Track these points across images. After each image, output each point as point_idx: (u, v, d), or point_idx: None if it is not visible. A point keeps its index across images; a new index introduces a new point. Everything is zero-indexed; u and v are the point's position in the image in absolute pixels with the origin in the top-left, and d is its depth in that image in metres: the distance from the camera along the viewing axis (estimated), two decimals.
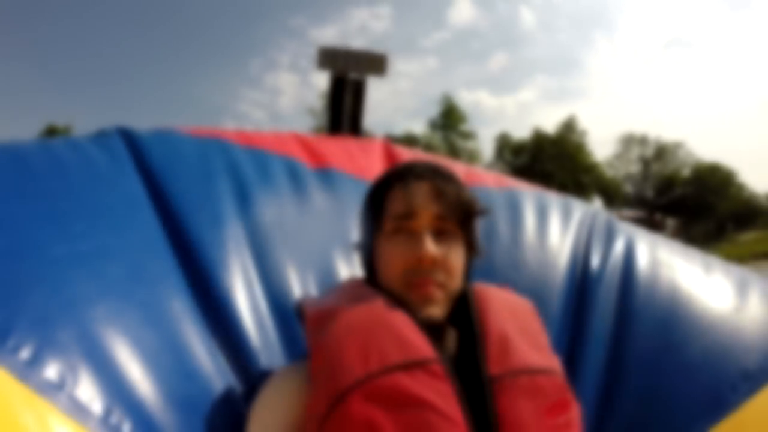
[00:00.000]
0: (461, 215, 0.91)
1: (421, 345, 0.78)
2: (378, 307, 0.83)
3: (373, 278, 0.94)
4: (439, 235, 0.89)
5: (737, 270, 1.32)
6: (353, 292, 0.88)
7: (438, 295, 0.87)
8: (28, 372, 0.68)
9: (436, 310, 0.87)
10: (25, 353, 0.70)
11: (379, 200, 0.94)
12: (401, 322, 0.81)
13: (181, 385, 0.85)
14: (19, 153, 1.01)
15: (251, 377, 0.95)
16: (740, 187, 54.90)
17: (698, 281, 1.22)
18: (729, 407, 0.96)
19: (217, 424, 0.87)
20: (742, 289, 1.21)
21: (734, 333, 1.07)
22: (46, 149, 1.06)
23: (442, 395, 0.74)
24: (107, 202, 1.01)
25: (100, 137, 1.22)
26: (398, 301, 0.86)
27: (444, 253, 0.88)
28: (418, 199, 0.89)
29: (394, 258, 0.88)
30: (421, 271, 0.87)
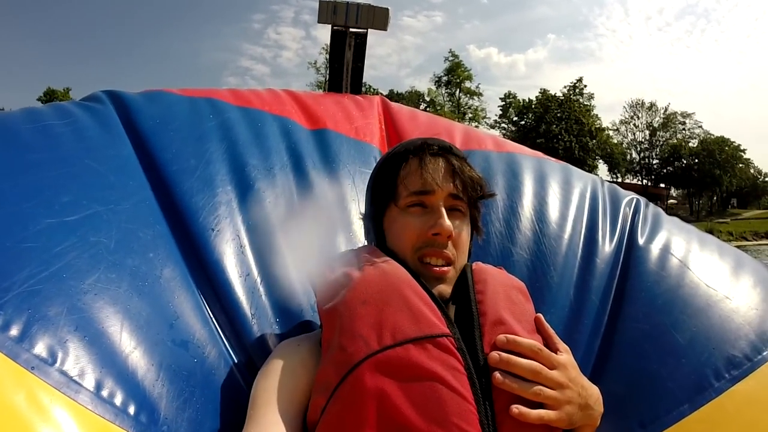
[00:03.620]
0: (473, 195, 0.95)
1: (436, 320, 0.80)
2: (394, 278, 0.84)
3: (383, 247, 0.95)
4: (451, 212, 0.93)
5: (732, 252, 1.29)
6: (368, 259, 0.89)
7: (450, 273, 0.91)
8: (17, 349, 0.68)
9: (447, 288, 0.90)
10: (14, 330, 0.69)
11: (393, 173, 0.96)
12: (417, 295, 0.82)
13: (174, 354, 0.85)
14: (4, 124, 0.99)
15: (244, 345, 0.95)
16: (747, 164, 54.50)
17: (694, 264, 1.19)
18: (712, 393, 0.96)
19: (212, 391, 0.87)
20: (735, 275, 1.18)
21: (723, 320, 1.06)
22: (33, 119, 1.03)
23: (452, 370, 0.75)
24: (96, 169, 0.99)
25: (90, 102, 1.19)
26: (411, 271, 0.87)
27: (456, 228, 0.92)
28: (435, 175, 0.92)
29: (410, 230, 0.92)
30: (437, 244, 0.90)
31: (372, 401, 0.72)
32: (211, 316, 0.96)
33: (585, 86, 46.58)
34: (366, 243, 1.07)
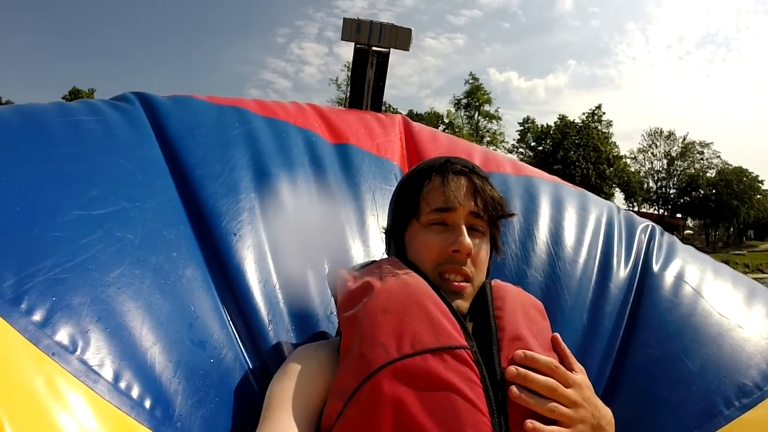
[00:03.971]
0: (493, 214, 0.96)
1: (455, 332, 0.80)
2: (415, 289, 0.85)
3: (403, 261, 0.95)
4: (471, 230, 0.94)
5: (746, 282, 1.29)
6: (390, 270, 0.89)
7: (468, 289, 0.91)
8: (39, 334, 0.68)
9: (464, 304, 0.91)
10: (37, 316, 0.70)
11: (416, 190, 0.98)
12: (437, 307, 0.83)
13: (191, 353, 0.86)
14: (36, 116, 1.00)
15: (260, 349, 0.96)
16: (765, 195, 53.79)
17: (707, 292, 1.19)
18: (722, 421, 0.96)
19: (226, 393, 0.88)
20: (748, 304, 1.18)
21: (734, 348, 1.06)
22: (64, 113, 1.05)
23: (468, 382, 0.76)
24: (124, 167, 1.00)
25: (119, 102, 1.21)
26: (431, 284, 0.88)
27: (475, 246, 0.93)
28: (457, 193, 0.94)
29: (431, 247, 0.93)
30: (456, 261, 0.91)
31: (389, 408, 0.72)
32: (229, 319, 0.96)
33: (604, 113, 46.50)
34: (386, 256, 1.08)
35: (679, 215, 52.23)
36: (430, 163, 1.01)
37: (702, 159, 51.86)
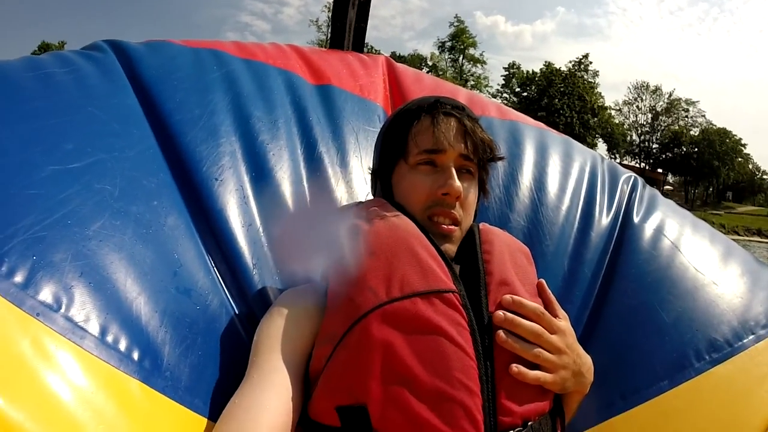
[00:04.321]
0: (483, 156, 0.95)
1: (443, 276, 0.81)
2: (403, 231, 0.85)
3: (390, 202, 0.95)
4: (460, 172, 0.93)
5: (723, 240, 1.31)
6: (377, 212, 0.89)
7: (456, 232, 0.91)
8: (22, 295, 0.68)
9: (452, 247, 0.91)
10: (18, 277, 0.69)
11: (404, 130, 0.96)
12: (426, 250, 0.83)
13: (177, 302, 0.86)
14: (3, 73, 0.96)
15: (245, 294, 0.97)
16: (746, 158, 54.37)
17: (685, 247, 1.21)
18: (691, 372, 0.99)
19: (213, 339, 0.89)
20: (724, 262, 1.20)
21: (708, 304, 1.08)
22: (33, 67, 1.01)
23: (456, 325, 0.77)
24: (99, 117, 0.98)
25: (91, 51, 1.17)
26: (420, 227, 0.88)
27: (464, 190, 0.92)
28: (447, 135, 0.92)
29: (419, 189, 0.92)
30: (445, 204, 0.91)
31: (378, 351, 0.73)
32: (213, 265, 0.97)
33: (591, 63, 46.13)
34: (372, 197, 1.07)
35: (660, 170, 52.82)
36: (419, 102, 0.99)
37: (687, 116, 52.14)
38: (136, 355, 0.75)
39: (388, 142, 0.99)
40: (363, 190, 1.23)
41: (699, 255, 1.20)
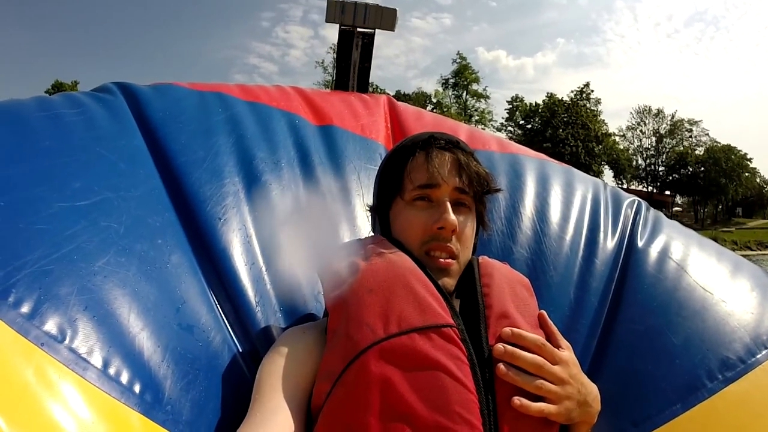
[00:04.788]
0: (478, 189, 0.96)
1: (441, 311, 0.81)
2: (401, 267, 0.86)
3: (389, 239, 0.96)
4: (456, 206, 0.94)
5: (731, 257, 1.30)
6: (375, 249, 0.90)
7: (453, 267, 0.91)
8: (28, 325, 0.69)
9: (451, 281, 0.91)
10: (25, 308, 0.71)
11: (400, 167, 0.97)
12: (423, 285, 0.84)
13: (179, 338, 0.87)
14: (16, 112, 1.00)
15: (248, 331, 0.97)
16: (753, 173, 54.21)
17: (692, 267, 1.20)
18: (705, 393, 0.97)
19: (215, 375, 0.89)
20: (732, 278, 1.19)
21: (718, 322, 1.07)
22: (44, 107, 1.05)
23: (455, 360, 0.77)
24: (107, 158, 1.01)
25: (100, 92, 1.21)
26: (418, 262, 0.89)
27: (460, 223, 0.93)
28: (441, 170, 0.93)
29: (415, 224, 0.93)
30: (441, 238, 0.91)
31: (376, 388, 0.73)
32: (216, 303, 0.98)
33: (592, 91, 46.59)
34: (373, 231, 1.08)
35: (667, 192, 52.70)
36: (414, 139, 1.01)
37: (691, 137, 52.27)
38: (137, 388, 0.75)
39: (385, 179, 1.01)
40: (366, 228, 1.25)
41: (706, 274, 1.19)
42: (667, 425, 0.95)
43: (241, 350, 0.95)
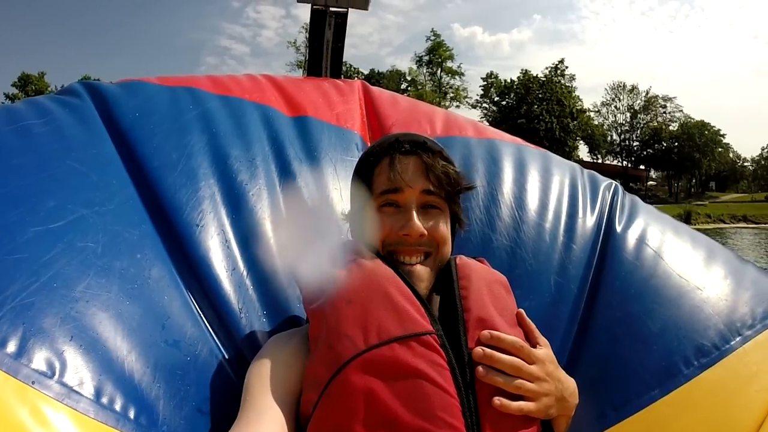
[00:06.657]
0: (449, 190, 0.96)
1: (420, 318, 0.83)
2: (378, 276, 0.87)
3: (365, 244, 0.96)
4: (426, 208, 0.95)
5: (705, 243, 1.32)
6: (352, 257, 0.91)
7: (424, 273, 0.92)
8: (17, 365, 0.69)
9: (422, 285, 0.92)
10: (11, 346, 0.70)
11: (368, 174, 0.98)
12: (401, 293, 0.85)
13: (168, 354, 0.87)
14: None
15: (234, 339, 0.97)
16: (726, 148, 55.23)
17: (668, 255, 1.22)
18: (681, 379, 1.00)
19: (206, 388, 0.89)
20: (707, 266, 1.22)
21: (693, 310, 1.09)
22: (12, 119, 1.02)
23: (435, 366, 0.79)
24: (78, 170, 0.98)
25: (67, 96, 1.17)
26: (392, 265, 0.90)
27: (431, 226, 0.94)
28: (404, 174, 0.93)
29: (380, 230, 0.93)
30: (407, 243, 0.93)
31: (360, 399, 0.75)
32: (200, 313, 0.97)
33: (567, 67, 46.80)
34: (350, 237, 1.09)
35: (642, 167, 53.57)
36: (380, 143, 1.01)
37: (665, 112, 53.06)
38: (132, 413, 0.76)
39: (355, 186, 1.02)
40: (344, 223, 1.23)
41: (682, 261, 1.22)
42: (646, 410, 0.98)
43: (228, 358, 0.95)
